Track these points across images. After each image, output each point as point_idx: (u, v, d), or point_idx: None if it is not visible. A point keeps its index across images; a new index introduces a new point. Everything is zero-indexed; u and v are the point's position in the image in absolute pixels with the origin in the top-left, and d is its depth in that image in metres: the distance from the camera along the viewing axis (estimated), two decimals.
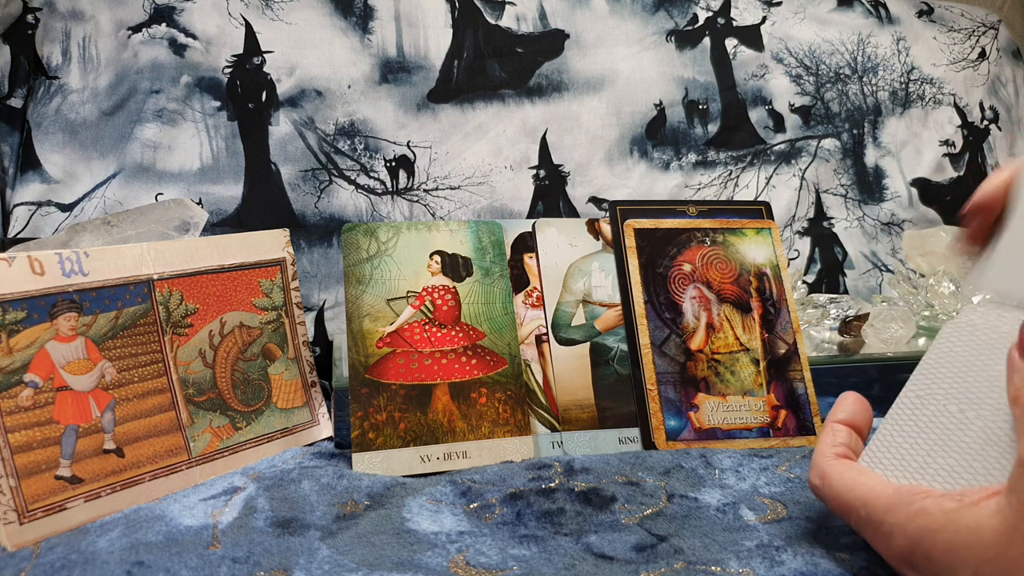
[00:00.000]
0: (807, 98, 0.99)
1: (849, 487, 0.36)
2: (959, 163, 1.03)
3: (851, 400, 0.42)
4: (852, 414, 0.41)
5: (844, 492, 0.36)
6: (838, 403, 0.42)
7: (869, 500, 0.35)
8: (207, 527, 0.43)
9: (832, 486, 0.37)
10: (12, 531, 0.41)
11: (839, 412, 0.41)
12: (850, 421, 0.40)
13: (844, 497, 0.36)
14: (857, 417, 0.41)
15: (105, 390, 0.47)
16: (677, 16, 0.98)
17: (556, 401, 0.56)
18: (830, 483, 0.37)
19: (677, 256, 0.60)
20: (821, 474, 0.38)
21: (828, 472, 0.38)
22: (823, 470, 0.38)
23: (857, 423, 0.40)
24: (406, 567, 0.38)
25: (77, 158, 0.79)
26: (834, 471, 0.37)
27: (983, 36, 1.09)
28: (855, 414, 0.41)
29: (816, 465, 0.39)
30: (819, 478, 0.38)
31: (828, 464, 0.38)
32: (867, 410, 0.41)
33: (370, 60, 0.87)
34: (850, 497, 0.36)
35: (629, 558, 0.39)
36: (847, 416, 0.41)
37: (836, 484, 0.37)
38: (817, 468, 0.38)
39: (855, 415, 0.41)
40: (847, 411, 0.41)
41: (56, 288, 0.45)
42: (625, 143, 0.92)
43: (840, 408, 0.41)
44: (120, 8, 0.83)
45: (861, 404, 0.41)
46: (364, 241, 0.57)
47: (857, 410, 0.41)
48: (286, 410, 0.57)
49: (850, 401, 0.42)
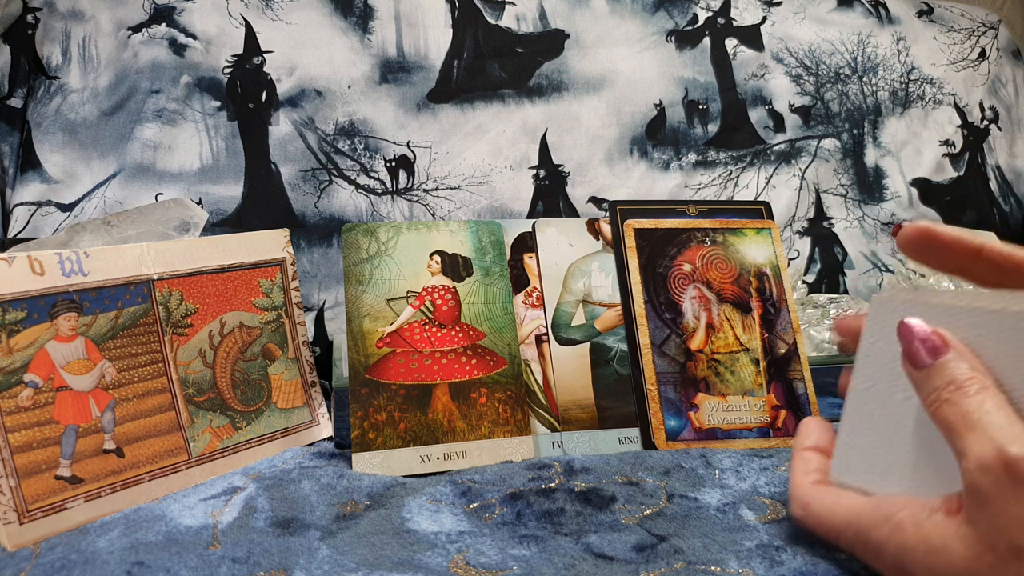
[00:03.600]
0: (807, 98, 0.99)
1: (831, 511, 0.36)
2: (959, 163, 1.03)
3: (814, 426, 0.42)
4: (818, 439, 0.41)
5: (828, 517, 0.36)
6: (801, 430, 0.42)
7: (852, 520, 0.35)
8: (207, 527, 0.43)
9: (815, 514, 0.37)
10: (12, 531, 0.41)
11: (805, 440, 0.41)
12: (818, 446, 0.40)
13: (830, 522, 0.36)
14: (823, 441, 0.41)
15: (105, 390, 0.47)
16: (677, 16, 0.98)
17: (556, 401, 0.56)
18: (812, 511, 0.37)
19: (677, 256, 0.60)
20: (802, 504, 0.38)
21: (808, 501, 0.37)
22: (803, 500, 0.38)
23: (824, 447, 0.40)
24: (406, 567, 0.38)
25: (77, 158, 0.79)
26: (814, 499, 0.37)
27: (983, 36, 1.09)
28: (821, 438, 0.41)
29: (795, 497, 0.38)
30: (801, 508, 0.38)
31: (806, 493, 0.38)
32: (831, 432, 0.41)
33: (370, 60, 0.87)
34: (835, 521, 0.36)
35: (629, 558, 0.39)
36: (814, 442, 0.41)
37: (818, 511, 0.37)
38: (797, 500, 0.38)
39: (821, 439, 0.41)
40: (813, 438, 0.41)
41: (56, 288, 0.45)
42: (625, 143, 0.92)
43: (804, 435, 0.41)
44: (120, 8, 0.83)
45: (824, 427, 0.41)
46: (364, 241, 0.57)
47: (822, 434, 0.41)
48: (286, 410, 0.57)
49: (814, 426, 0.42)
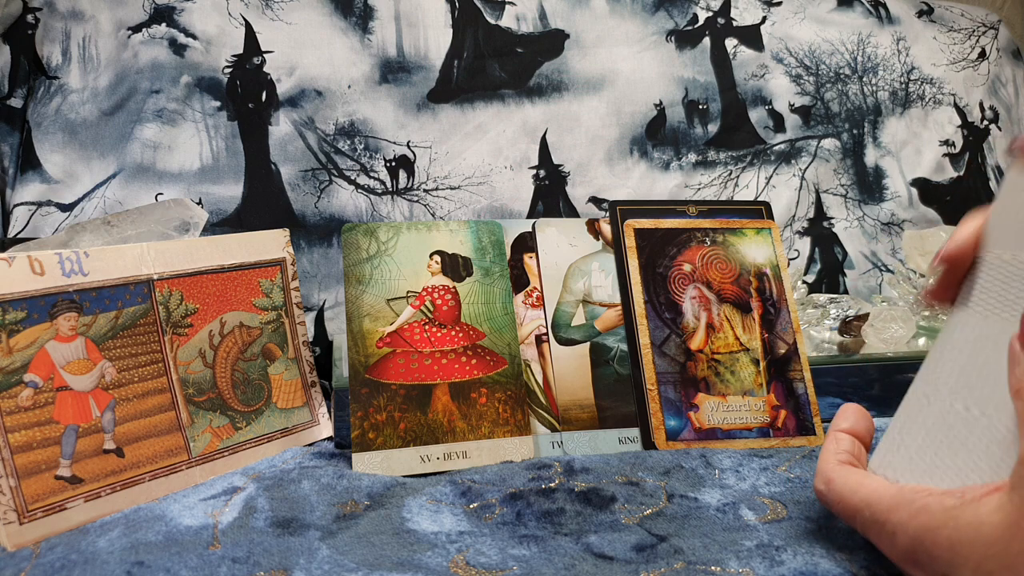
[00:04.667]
0: (807, 98, 0.99)
1: (853, 490, 0.37)
2: (959, 163, 1.03)
3: (852, 411, 0.43)
4: (854, 424, 0.42)
5: (848, 495, 0.37)
6: (840, 413, 0.43)
7: (872, 501, 0.35)
8: (207, 527, 0.43)
9: (836, 490, 0.38)
10: (12, 531, 0.41)
11: (842, 422, 0.42)
12: (852, 430, 0.42)
13: (848, 500, 0.37)
14: (859, 427, 0.42)
15: (105, 390, 0.47)
16: (677, 16, 0.98)
17: (556, 401, 0.56)
18: (834, 487, 0.38)
19: (677, 256, 0.60)
20: (826, 479, 0.39)
21: (832, 477, 0.38)
22: (828, 475, 0.39)
23: (859, 432, 0.42)
24: (406, 567, 0.38)
25: (77, 158, 0.79)
26: (838, 476, 0.38)
27: (983, 36, 1.09)
28: (857, 423, 0.42)
29: (821, 472, 0.40)
30: (824, 483, 0.39)
31: (832, 470, 0.39)
32: (868, 420, 0.43)
33: (370, 60, 0.87)
34: (854, 500, 0.36)
35: (629, 558, 0.39)
36: (849, 425, 0.42)
37: (840, 488, 0.38)
38: (822, 474, 0.39)
39: (857, 424, 0.42)
40: (849, 421, 0.42)
41: (56, 288, 0.45)
42: (625, 143, 0.92)
43: (843, 418, 0.42)
44: (120, 8, 0.83)
45: (863, 414, 0.43)
46: (364, 241, 0.57)
47: (859, 420, 0.42)
48: (286, 410, 0.57)
49: (852, 411, 0.43)
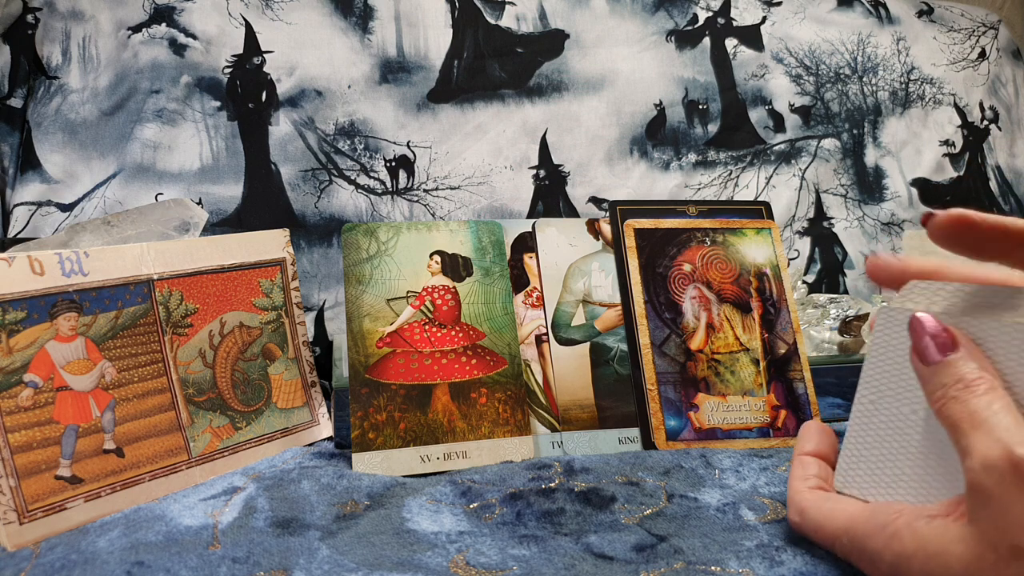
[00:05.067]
0: (807, 98, 0.99)
1: (828, 517, 0.36)
2: (959, 163, 1.03)
3: (814, 430, 0.41)
4: (818, 444, 0.41)
5: (824, 524, 0.36)
6: (801, 435, 0.42)
7: (848, 528, 0.34)
8: (207, 527, 0.43)
9: (812, 519, 0.37)
10: (12, 531, 0.41)
11: (805, 444, 0.41)
12: (817, 451, 0.40)
13: (826, 529, 0.36)
14: (823, 446, 0.40)
15: (105, 390, 0.47)
16: (677, 16, 0.98)
17: (556, 401, 0.56)
18: (809, 517, 0.37)
19: (677, 256, 0.60)
20: (799, 510, 0.38)
21: (805, 506, 0.37)
22: (800, 505, 0.38)
23: (824, 452, 0.40)
24: (406, 567, 0.38)
25: (77, 158, 0.79)
26: (811, 504, 0.37)
27: (983, 36, 1.09)
28: (820, 444, 0.41)
29: (793, 502, 0.38)
30: (798, 514, 0.38)
31: (804, 499, 0.38)
32: (831, 436, 0.41)
33: (370, 60, 0.87)
34: (831, 528, 0.36)
35: (629, 558, 0.39)
36: (814, 447, 0.40)
37: (815, 516, 0.37)
38: (794, 505, 0.38)
39: (820, 444, 0.41)
40: (812, 442, 0.41)
41: (56, 288, 0.45)
42: (625, 143, 0.92)
43: (805, 440, 0.41)
44: (120, 8, 0.83)
45: (824, 432, 0.41)
46: (364, 241, 0.57)
47: (822, 439, 0.41)
48: (286, 410, 0.57)
49: (813, 431, 0.41)
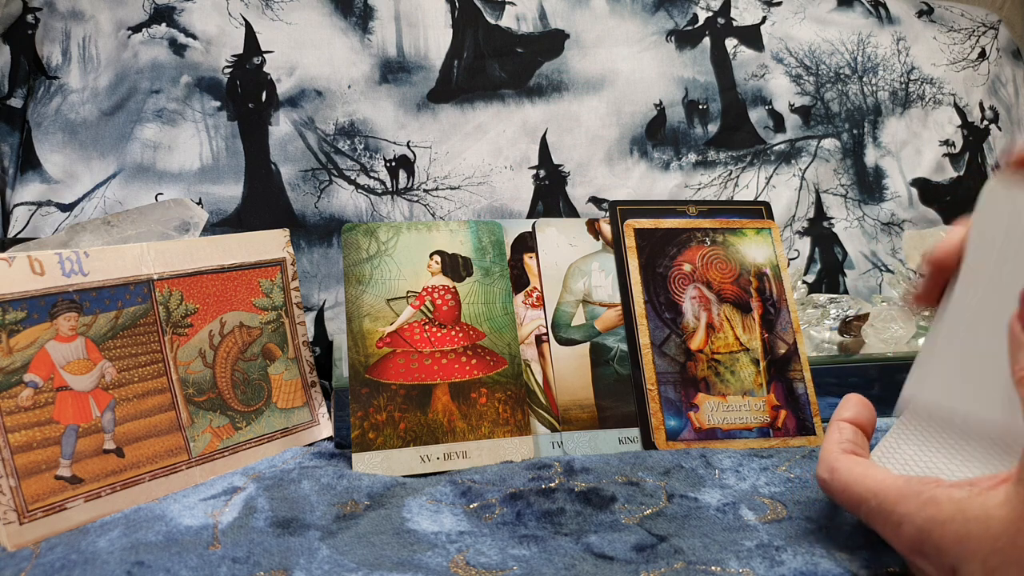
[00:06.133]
0: (807, 98, 0.99)
1: (859, 479, 0.37)
2: (959, 163, 1.03)
3: (855, 400, 0.43)
4: (857, 414, 0.42)
5: (854, 484, 0.37)
6: (843, 403, 0.43)
7: (879, 491, 0.35)
8: (207, 527, 0.43)
9: (841, 479, 0.38)
10: (12, 531, 0.41)
11: (844, 412, 0.42)
12: (855, 420, 0.41)
13: (854, 489, 0.37)
14: (862, 417, 0.42)
15: (105, 390, 0.47)
16: (677, 16, 0.98)
17: (556, 401, 0.56)
18: (839, 476, 0.38)
19: (677, 256, 0.60)
20: (830, 468, 0.39)
21: (837, 466, 0.38)
22: (832, 464, 0.39)
23: (862, 422, 0.41)
24: (406, 567, 0.38)
25: (77, 158, 0.79)
26: (843, 465, 0.38)
27: (983, 36, 1.09)
28: (860, 414, 0.42)
29: (824, 460, 0.39)
30: (828, 472, 0.39)
31: (837, 459, 0.39)
32: (871, 410, 0.42)
33: (370, 60, 0.87)
34: (860, 489, 0.36)
35: (629, 558, 0.39)
36: (852, 415, 0.42)
37: (845, 477, 0.37)
38: (825, 463, 0.39)
39: (859, 415, 0.42)
40: (852, 411, 0.42)
41: (56, 288, 0.45)
42: (625, 143, 0.92)
43: (845, 408, 0.42)
44: (120, 8, 0.83)
45: (865, 405, 0.43)
46: (364, 241, 0.57)
47: (861, 410, 0.42)
48: (286, 410, 0.57)
49: (854, 401, 0.43)
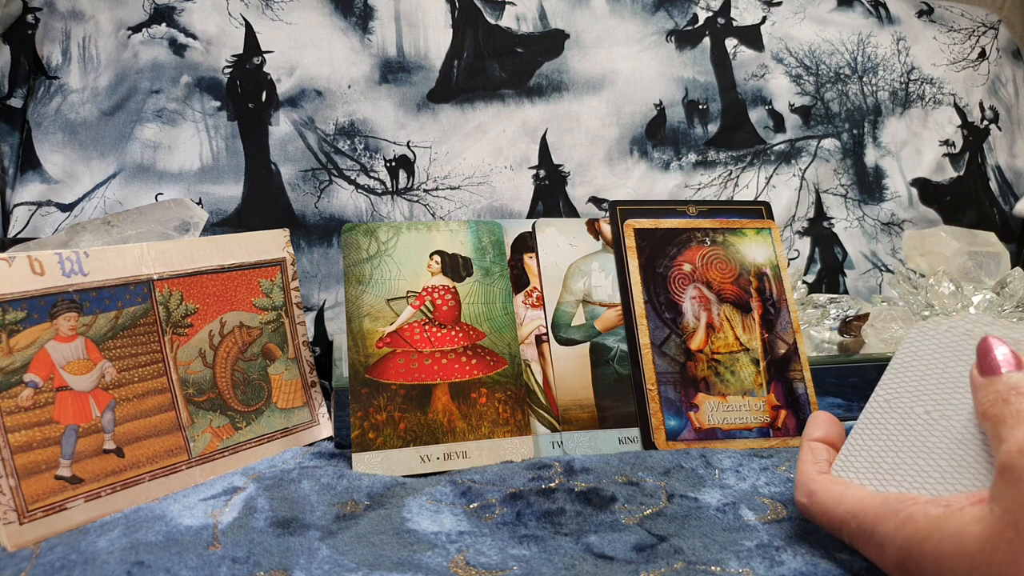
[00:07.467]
0: (807, 98, 0.99)
1: (837, 501, 0.36)
2: (959, 163, 1.03)
3: (824, 418, 0.42)
4: (827, 432, 0.42)
5: (832, 507, 0.36)
6: (811, 422, 0.43)
7: (858, 512, 0.35)
8: (207, 527, 0.43)
9: (820, 502, 0.37)
10: (12, 531, 0.41)
11: (814, 431, 0.42)
12: (826, 439, 0.41)
13: (833, 512, 0.36)
14: (831, 434, 0.41)
15: (105, 390, 0.47)
16: (677, 16, 0.98)
17: (556, 401, 0.56)
18: (818, 500, 0.37)
19: (677, 256, 0.60)
20: (808, 492, 0.38)
21: (815, 489, 0.38)
22: (809, 488, 0.38)
23: (832, 440, 0.41)
24: (406, 567, 0.38)
25: (77, 158, 0.79)
26: (820, 488, 0.38)
27: (983, 36, 1.09)
28: (829, 431, 0.42)
29: (801, 484, 0.39)
30: (806, 496, 0.38)
31: (813, 480, 0.38)
32: (840, 427, 0.42)
33: (370, 60, 0.87)
34: (839, 511, 0.36)
35: (629, 558, 0.39)
36: (823, 434, 0.41)
37: (824, 499, 0.37)
38: (803, 487, 0.39)
39: (829, 432, 0.42)
40: (822, 429, 0.42)
41: (56, 288, 0.45)
42: (625, 143, 0.92)
43: (814, 427, 0.42)
44: (120, 8, 0.83)
45: (834, 422, 0.42)
46: (364, 241, 0.57)
47: (831, 428, 0.42)
48: (286, 410, 0.57)
49: (823, 419, 0.42)
